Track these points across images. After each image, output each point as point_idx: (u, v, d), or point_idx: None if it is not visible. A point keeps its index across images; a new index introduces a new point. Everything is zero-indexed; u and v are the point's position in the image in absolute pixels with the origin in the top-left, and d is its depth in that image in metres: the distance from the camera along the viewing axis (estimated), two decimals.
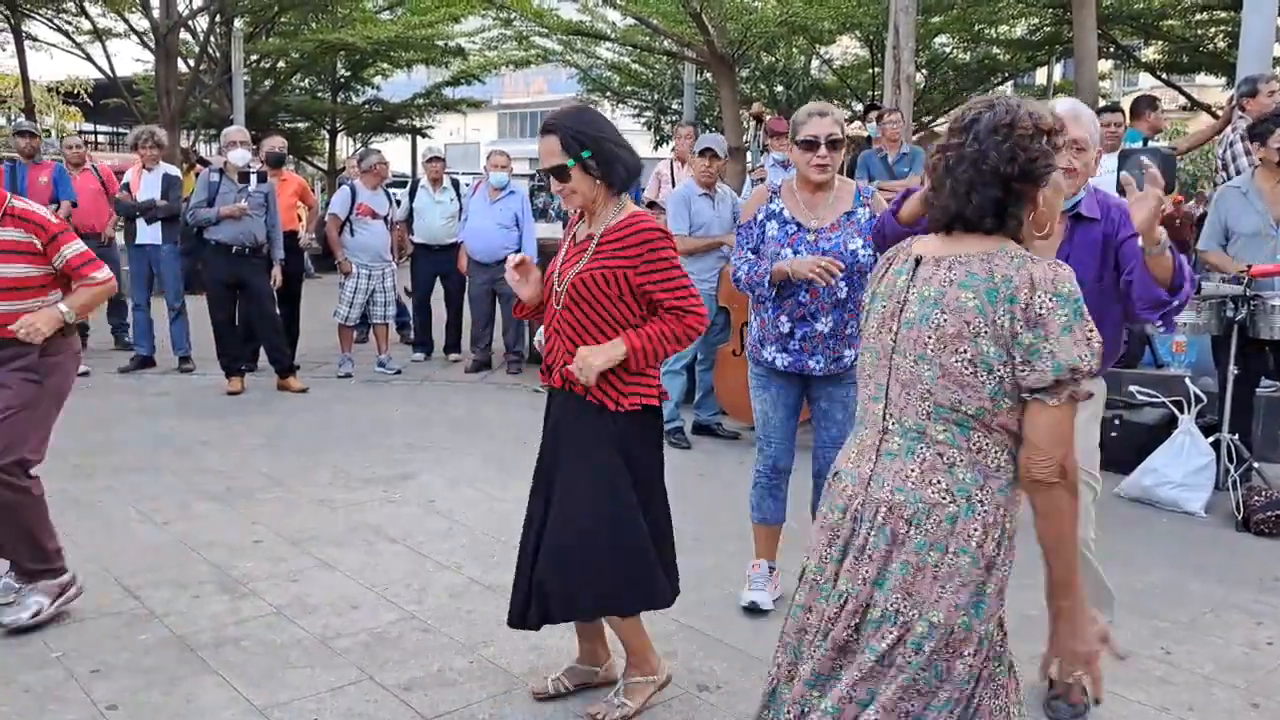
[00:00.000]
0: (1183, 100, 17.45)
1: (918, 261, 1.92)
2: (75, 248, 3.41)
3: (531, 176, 31.15)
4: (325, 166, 22.94)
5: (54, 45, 19.52)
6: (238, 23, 17.17)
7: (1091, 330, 1.78)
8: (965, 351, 1.80)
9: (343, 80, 21.77)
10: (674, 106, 20.13)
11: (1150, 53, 18.00)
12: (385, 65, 20.95)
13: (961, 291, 1.81)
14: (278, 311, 7.53)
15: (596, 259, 2.71)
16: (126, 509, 4.65)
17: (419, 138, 25.15)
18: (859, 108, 16.47)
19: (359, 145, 23.51)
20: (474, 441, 6.10)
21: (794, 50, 18.31)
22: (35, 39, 18.02)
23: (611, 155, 2.70)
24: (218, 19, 17.39)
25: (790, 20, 14.96)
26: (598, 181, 2.70)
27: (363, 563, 4.06)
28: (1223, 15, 15.13)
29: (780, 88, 19.10)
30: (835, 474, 2.01)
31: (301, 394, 7.29)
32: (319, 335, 8.83)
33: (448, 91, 22.48)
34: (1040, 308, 1.75)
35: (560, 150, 2.66)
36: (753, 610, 3.61)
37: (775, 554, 3.77)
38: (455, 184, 8.79)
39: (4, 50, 19.63)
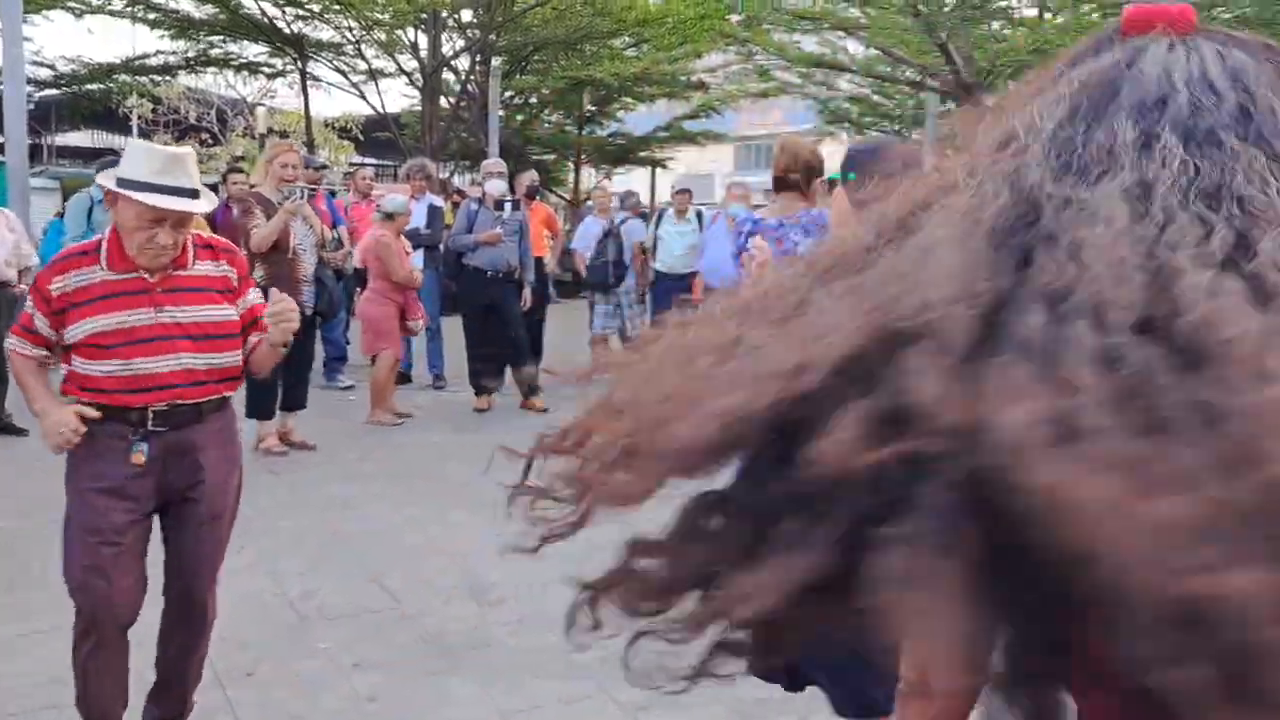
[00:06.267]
0: None
1: None
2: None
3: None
4: (569, 197, 23.92)
5: (333, 85, 21.52)
6: (495, 61, 18.30)
7: None
8: None
9: (589, 114, 22.70)
10: (914, 136, 19.68)
11: None
12: (629, 99, 21.68)
13: None
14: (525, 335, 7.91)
15: None
16: (390, 514, 5.01)
17: (658, 169, 25.85)
18: None
19: (601, 176, 24.41)
20: None
21: None
22: (317, 79, 19.92)
23: None
24: (478, 59, 18.62)
25: (1042, 47, 14.29)
26: None
27: None
28: None
29: None
30: None
31: (543, 414, 7.60)
32: (559, 359, 9.19)
33: (688, 124, 22.99)
34: None
35: None
36: None
37: None
38: (699, 215, 8.96)
39: (291, 89, 21.79)
